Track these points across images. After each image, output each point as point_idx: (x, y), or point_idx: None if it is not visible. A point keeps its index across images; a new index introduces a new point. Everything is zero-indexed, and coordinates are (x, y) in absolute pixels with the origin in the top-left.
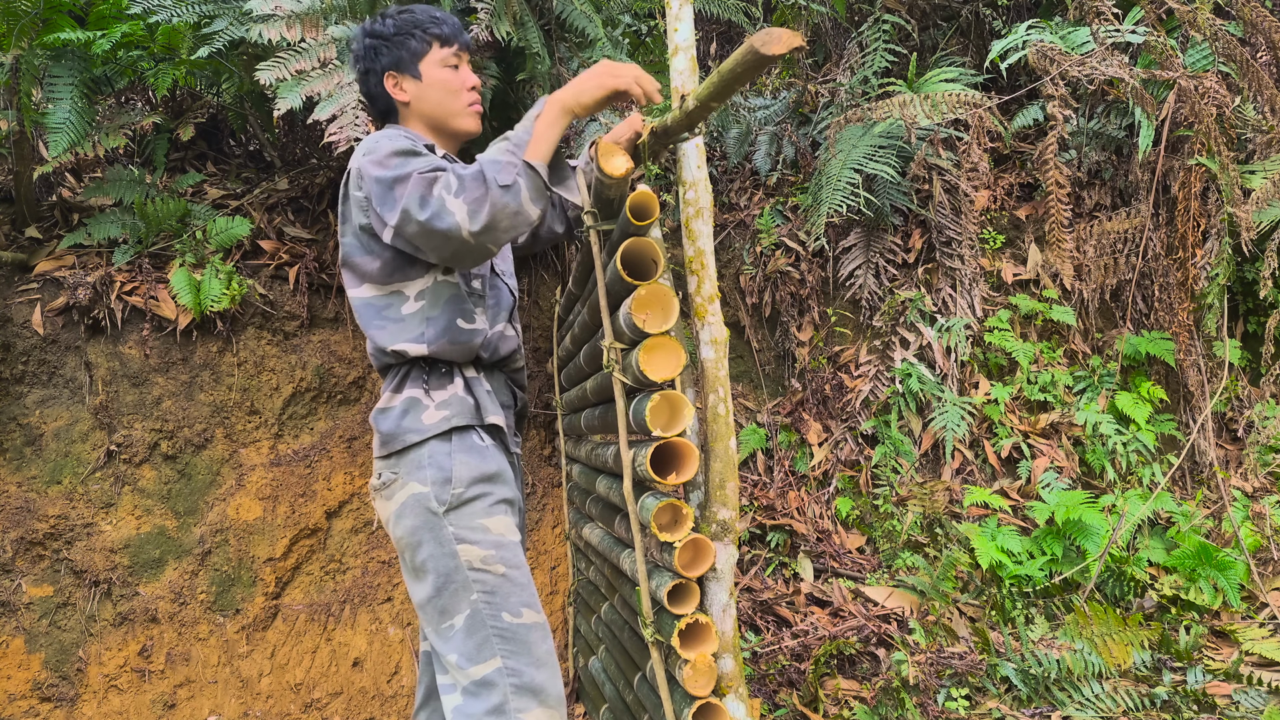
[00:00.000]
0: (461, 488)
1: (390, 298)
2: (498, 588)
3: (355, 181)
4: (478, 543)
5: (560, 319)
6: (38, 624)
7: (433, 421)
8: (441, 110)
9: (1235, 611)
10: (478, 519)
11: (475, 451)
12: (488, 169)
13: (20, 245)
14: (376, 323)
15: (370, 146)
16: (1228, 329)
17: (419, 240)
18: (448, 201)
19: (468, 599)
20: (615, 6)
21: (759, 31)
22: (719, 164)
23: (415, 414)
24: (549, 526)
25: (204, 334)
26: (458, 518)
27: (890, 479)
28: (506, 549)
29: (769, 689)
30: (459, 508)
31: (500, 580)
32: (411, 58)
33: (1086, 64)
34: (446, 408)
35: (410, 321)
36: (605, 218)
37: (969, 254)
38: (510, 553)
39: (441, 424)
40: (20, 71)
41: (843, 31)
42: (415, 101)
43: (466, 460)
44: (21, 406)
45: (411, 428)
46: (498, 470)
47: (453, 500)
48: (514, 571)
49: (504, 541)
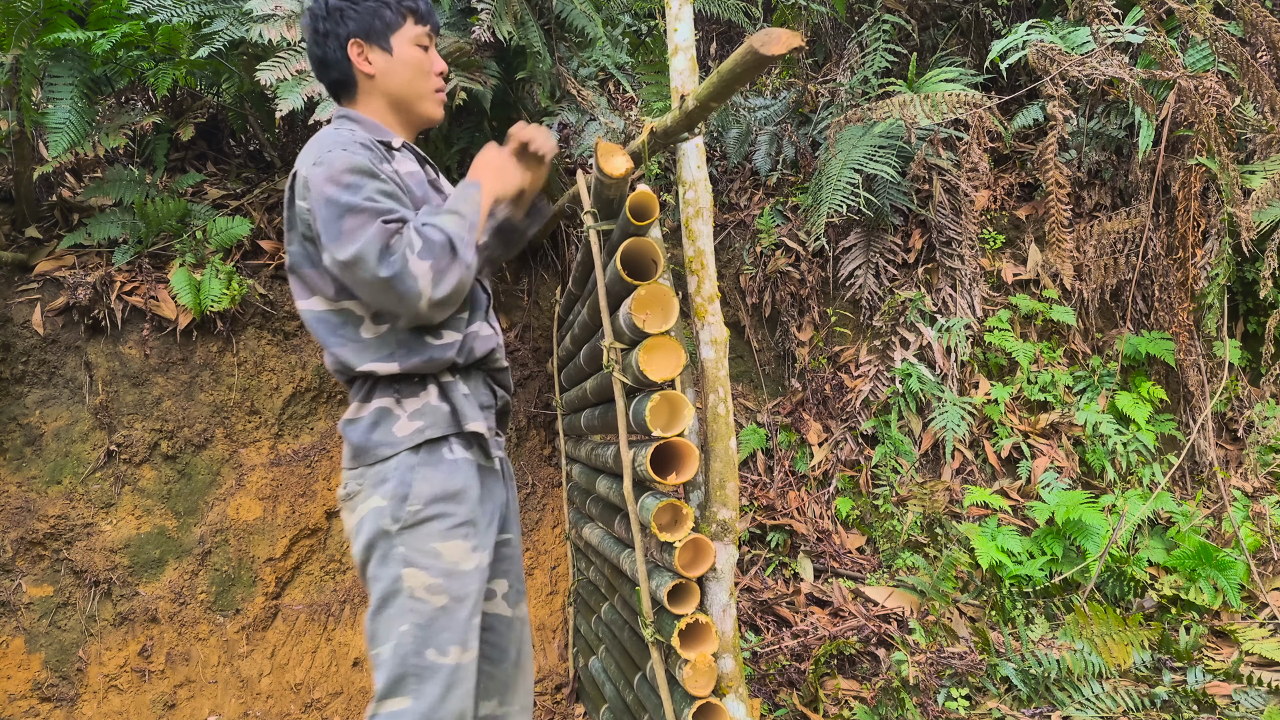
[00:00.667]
0: (419, 505)
1: (342, 315)
2: (433, 620)
3: (301, 190)
4: (426, 569)
5: (560, 319)
6: (38, 624)
7: (405, 434)
8: (410, 90)
9: (1235, 611)
10: (432, 542)
11: (443, 466)
12: (455, 240)
13: (20, 245)
14: (334, 340)
15: (320, 155)
16: (1228, 329)
17: (367, 291)
18: (411, 262)
19: (398, 629)
20: (615, 6)
21: (758, 32)
22: (719, 164)
23: (386, 426)
24: (549, 526)
25: (204, 334)
26: (411, 538)
27: (890, 479)
28: (455, 578)
29: (769, 689)
30: (414, 527)
31: (437, 613)
32: (384, 28)
33: (1086, 64)
34: (420, 418)
35: (376, 343)
36: (605, 218)
37: (969, 254)
38: (459, 583)
39: (415, 436)
40: (20, 71)
41: (843, 31)
42: (382, 77)
43: (429, 476)
44: (21, 406)
45: (383, 441)
46: (462, 488)
47: (408, 519)
48: (455, 604)
49: (455, 570)
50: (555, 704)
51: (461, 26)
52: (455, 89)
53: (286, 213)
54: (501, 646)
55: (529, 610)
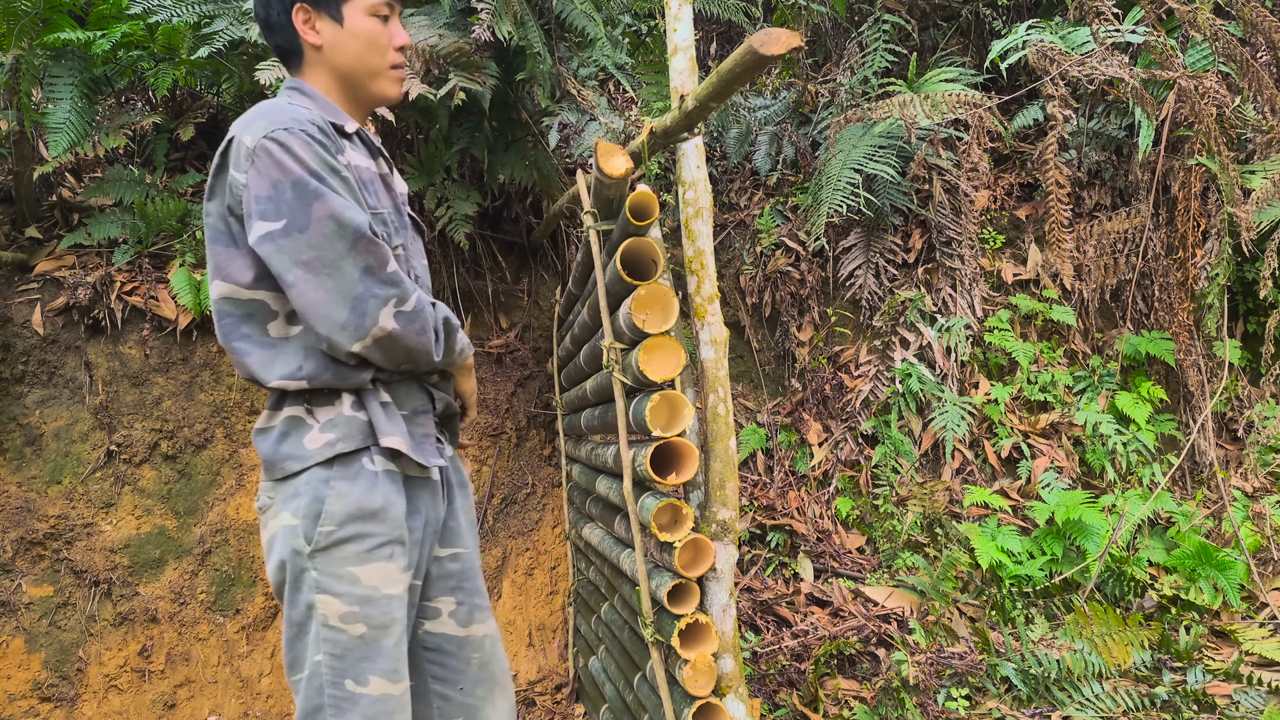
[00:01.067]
0: (333, 526)
1: (252, 307)
2: (349, 650)
3: (240, 161)
4: (341, 595)
5: (560, 319)
6: (38, 624)
7: (316, 446)
8: (360, 66)
9: (1235, 611)
10: (348, 566)
11: (361, 480)
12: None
13: (20, 245)
14: (238, 342)
15: (273, 130)
16: (1228, 329)
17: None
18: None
19: (312, 658)
20: (615, 6)
21: (758, 31)
22: (719, 164)
23: (297, 437)
24: (549, 526)
25: (204, 334)
26: (325, 562)
27: (890, 479)
28: (375, 605)
29: (769, 689)
30: (328, 550)
31: (355, 642)
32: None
33: (1086, 64)
34: (333, 429)
35: (284, 348)
36: (605, 218)
37: (969, 254)
38: (379, 609)
39: (326, 449)
40: (20, 71)
41: (843, 31)
42: (330, 49)
43: (346, 492)
44: (21, 406)
45: (292, 454)
46: (383, 505)
47: (321, 540)
48: (377, 633)
49: (374, 596)
50: (555, 704)
51: (461, 26)
52: (455, 89)
53: (213, 180)
54: (455, 668)
55: (530, 612)
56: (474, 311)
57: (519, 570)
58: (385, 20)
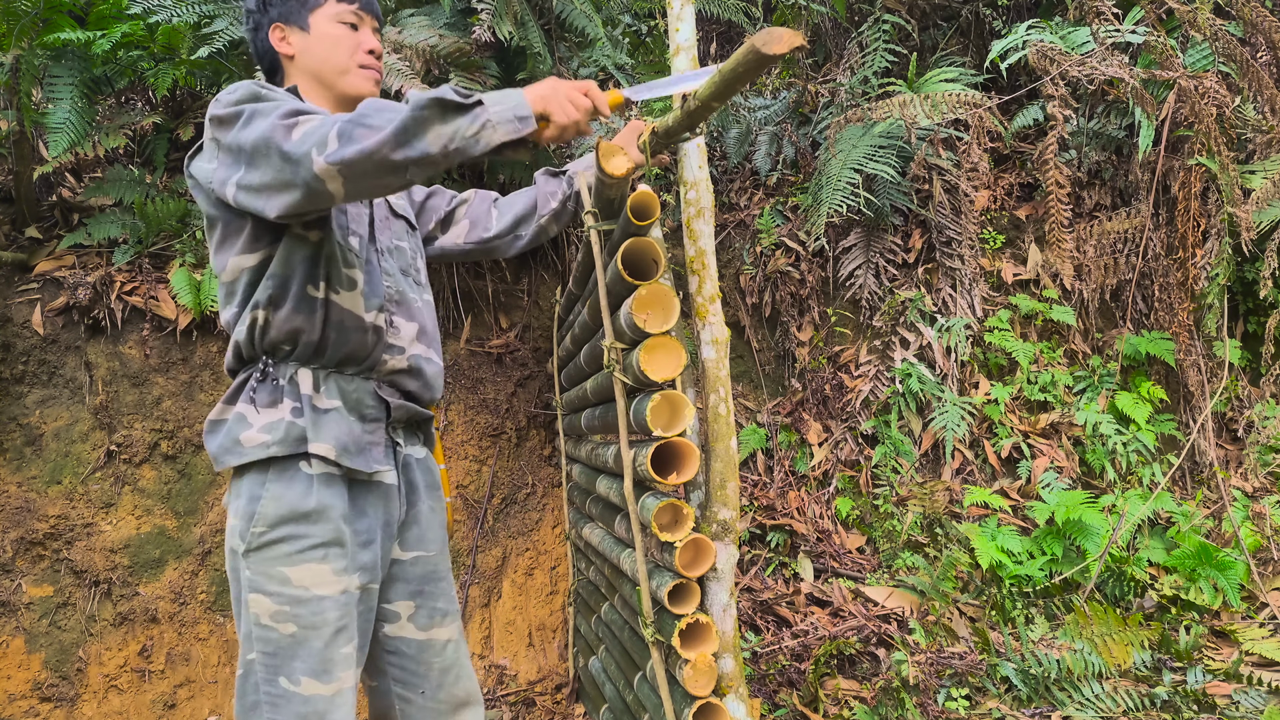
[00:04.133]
0: (264, 527)
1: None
2: (280, 649)
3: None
4: (271, 595)
5: (560, 319)
6: (38, 624)
7: (252, 445)
8: (327, 65)
9: (1235, 611)
10: (278, 566)
11: (297, 484)
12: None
13: (20, 245)
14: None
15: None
16: (1228, 329)
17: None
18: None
19: (247, 656)
20: (615, 6)
21: (760, 31)
22: (719, 164)
23: (237, 434)
24: (549, 526)
25: (204, 334)
26: (256, 562)
27: (890, 479)
28: (306, 605)
29: (769, 689)
30: (258, 550)
31: (286, 640)
32: (300, 7)
33: (1086, 64)
34: (269, 431)
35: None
36: (606, 217)
37: (969, 254)
38: (309, 609)
39: (260, 450)
40: (20, 71)
41: (843, 31)
42: (300, 55)
43: (280, 495)
44: (21, 406)
45: (230, 449)
46: (317, 507)
47: (253, 541)
48: (307, 632)
49: (304, 596)
50: (555, 704)
51: (461, 27)
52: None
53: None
54: (415, 671)
55: (530, 612)
56: (474, 311)
57: (519, 570)
58: (354, 28)
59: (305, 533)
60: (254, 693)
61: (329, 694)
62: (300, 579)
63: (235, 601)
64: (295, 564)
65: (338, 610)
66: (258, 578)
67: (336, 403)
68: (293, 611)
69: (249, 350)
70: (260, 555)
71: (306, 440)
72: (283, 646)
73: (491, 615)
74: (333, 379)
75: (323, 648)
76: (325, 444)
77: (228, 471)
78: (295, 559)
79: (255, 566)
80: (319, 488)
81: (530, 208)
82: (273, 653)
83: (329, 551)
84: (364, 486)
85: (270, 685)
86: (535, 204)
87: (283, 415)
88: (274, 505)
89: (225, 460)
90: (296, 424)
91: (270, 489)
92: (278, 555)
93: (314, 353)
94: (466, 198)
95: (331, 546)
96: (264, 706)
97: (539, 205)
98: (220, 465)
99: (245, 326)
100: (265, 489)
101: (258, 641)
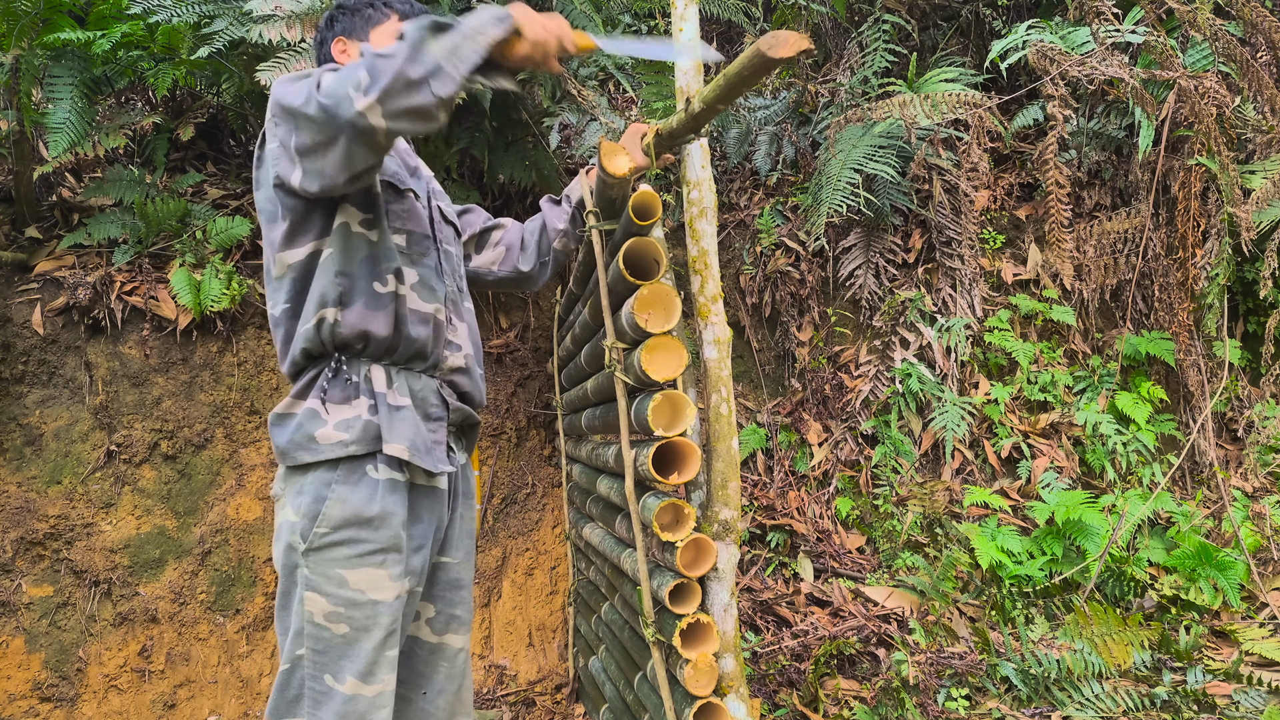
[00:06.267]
0: (327, 529)
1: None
2: (331, 648)
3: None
4: (328, 595)
5: (561, 319)
6: (38, 624)
7: (328, 443)
8: None
9: (1235, 611)
10: (337, 568)
11: (363, 487)
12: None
13: (20, 245)
14: (270, 288)
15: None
16: (1228, 329)
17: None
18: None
19: (295, 651)
20: (615, 6)
21: (766, 35)
22: (719, 164)
23: (309, 430)
24: (549, 526)
25: (204, 334)
26: (316, 562)
27: (890, 479)
28: (361, 608)
29: (769, 689)
30: (319, 550)
31: (338, 640)
32: (364, 23)
33: (1086, 64)
34: (345, 429)
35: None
36: (608, 217)
37: (969, 254)
38: (365, 612)
39: (337, 449)
40: (20, 71)
41: (843, 31)
42: None
43: (346, 498)
44: (21, 406)
45: (303, 446)
46: (380, 513)
47: (314, 541)
48: (359, 634)
49: (360, 600)
50: (555, 704)
51: None
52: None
53: (256, 172)
54: (421, 673)
55: (530, 612)
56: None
57: (519, 570)
58: None
59: (367, 538)
60: (298, 687)
61: (371, 695)
62: (358, 582)
63: (283, 595)
64: (354, 567)
65: (390, 615)
66: (316, 577)
67: (406, 400)
68: (347, 614)
69: (318, 348)
70: (320, 556)
71: (381, 439)
72: (333, 646)
73: (491, 615)
74: (402, 375)
75: (372, 650)
76: (399, 444)
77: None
78: (355, 562)
79: (314, 566)
80: (383, 494)
81: (544, 230)
82: (323, 650)
83: (387, 557)
84: (422, 491)
85: (315, 682)
86: (547, 227)
87: (359, 413)
88: (339, 508)
89: (298, 457)
90: (373, 422)
91: (336, 490)
92: (338, 557)
93: (385, 349)
94: (502, 223)
95: (390, 552)
96: (305, 701)
97: (549, 225)
98: (290, 461)
99: (313, 325)
100: (331, 490)
101: (309, 639)
